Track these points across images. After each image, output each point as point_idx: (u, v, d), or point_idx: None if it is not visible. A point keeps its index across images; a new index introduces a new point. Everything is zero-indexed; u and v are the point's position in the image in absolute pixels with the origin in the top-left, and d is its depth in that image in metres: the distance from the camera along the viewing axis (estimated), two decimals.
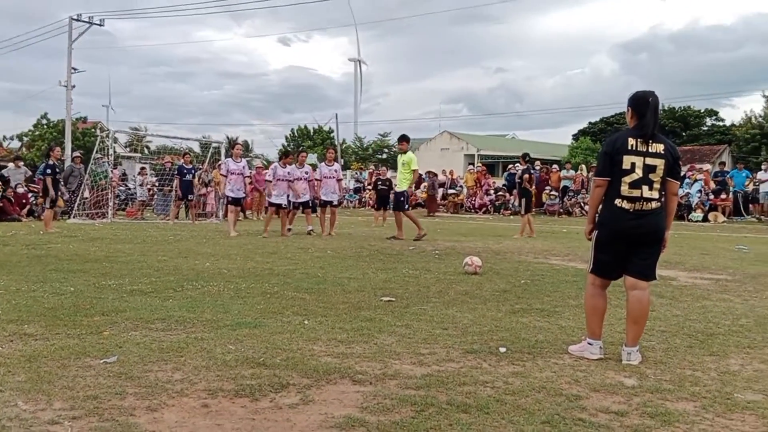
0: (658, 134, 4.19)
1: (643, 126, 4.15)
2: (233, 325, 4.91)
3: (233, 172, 13.98)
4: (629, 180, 4.12)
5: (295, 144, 58.07)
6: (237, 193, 14.08)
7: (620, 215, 4.16)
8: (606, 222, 4.27)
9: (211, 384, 3.54)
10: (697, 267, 9.03)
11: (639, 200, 4.13)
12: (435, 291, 6.69)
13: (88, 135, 49.05)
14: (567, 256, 10.34)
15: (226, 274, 7.60)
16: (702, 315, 5.69)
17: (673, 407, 3.31)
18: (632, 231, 4.16)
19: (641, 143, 4.13)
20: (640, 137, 4.14)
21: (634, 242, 4.19)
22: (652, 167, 4.12)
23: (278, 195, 13.75)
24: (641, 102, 4.21)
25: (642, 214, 4.14)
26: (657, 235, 4.21)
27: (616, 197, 4.17)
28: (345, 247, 11.15)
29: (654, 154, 4.13)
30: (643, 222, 4.14)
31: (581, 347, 4.35)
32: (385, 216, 18.60)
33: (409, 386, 3.57)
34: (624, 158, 4.13)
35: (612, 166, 4.17)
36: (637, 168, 4.11)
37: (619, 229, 4.20)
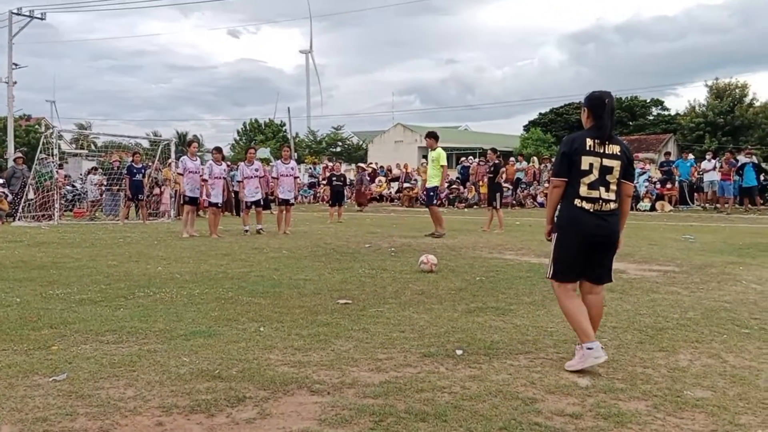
0: (615, 135, 4.20)
1: (600, 127, 4.13)
2: (187, 334, 4.83)
3: (190, 171, 13.62)
4: (588, 181, 4.09)
5: (247, 138, 57.43)
6: (195, 193, 13.65)
7: (580, 216, 4.12)
8: (566, 223, 4.20)
9: (166, 400, 3.47)
10: (645, 258, 9.26)
11: (598, 201, 4.09)
12: (391, 291, 6.70)
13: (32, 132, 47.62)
14: (521, 250, 10.49)
15: (178, 278, 7.47)
16: (651, 309, 5.84)
17: (626, 407, 3.39)
18: (594, 231, 4.11)
19: (598, 144, 4.12)
20: (597, 138, 4.12)
21: (595, 244, 4.15)
22: (609, 168, 4.10)
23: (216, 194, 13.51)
24: (598, 103, 4.19)
25: (602, 215, 4.11)
26: (615, 237, 4.18)
27: (576, 198, 4.12)
28: (300, 246, 11.08)
29: (611, 156, 4.12)
30: (604, 224, 4.11)
31: (580, 358, 4.02)
32: (340, 212, 18.59)
33: (367, 395, 3.56)
34: (582, 159, 4.09)
35: (570, 166, 4.13)
36: (594, 169, 4.09)
37: (580, 230, 4.14)
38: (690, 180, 23.36)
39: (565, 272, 4.23)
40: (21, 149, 30.40)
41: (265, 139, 53.86)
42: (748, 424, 3.19)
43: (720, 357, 4.34)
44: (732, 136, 39.85)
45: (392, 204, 28.48)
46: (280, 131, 57.29)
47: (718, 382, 3.81)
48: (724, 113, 40.69)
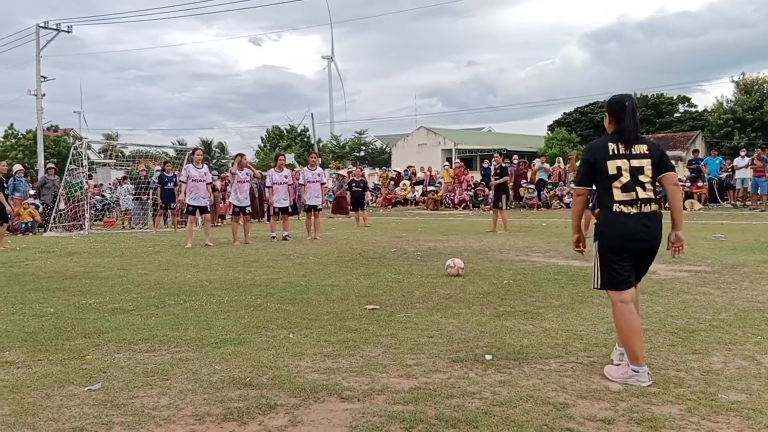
0: (640, 136, 4.08)
1: (623, 131, 4.02)
2: (218, 342, 4.88)
3: (194, 179, 13.38)
4: (619, 184, 3.95)
5: (271, 145, 57.81)
6: (199, 201, 13.47)
7: (623, 220, 3.93)
8: (609, 231, 3.99)
9: (198, 408, 3.51)
10: (676, 259, 9.11)
11: (637, 202, 3.93)
12: (419, 296, 6.70)
13: (61, 144, 48.49)
14: (548, 252, 10.41)
15: (207, 286, 7.55)
16: (683, 310, 5.76)
17: (659, 412, 3.35)
18: (637, 237, 3.93)
19: (624, 147, 3.99)
20: (620, 141, 4.01)
21: (639, 251, 3.99)
22: (639, 168, 3.96)
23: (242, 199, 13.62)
24: (618, 107, 4.09)
25: (643, 219, 3.93)
26: (656, 244, 3.99)
27: (613, 204, 3.96)
28: (327, 252, 11.13)
29: (638, 156, 3.98)
30: (646, 229, 3.93)
31: (623, 374, 3.87)
32: (365, 217, 18.67)
33: (397, 401, 3.57)
34: (608, 164, 3.97)
35: (594, 173, 4.04)
36: (624, 171, 3.96)
37: (624, 235, 3.94)
38: (719, 177, 22.99)
39: (618, 280, 4.00)
40: (51, 160, 30.97)
41: (288, 145, 54.17)
42: None
43: (754, 359, 4.27)
44: (762, 131, 39.13)
45: (417, 207, 28.47)
46: (303, 137, 57.60)
47: (753, 385, 3.75)
48: (752, 109, 39.99)
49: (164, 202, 18.24)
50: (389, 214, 25.22)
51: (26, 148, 47.40)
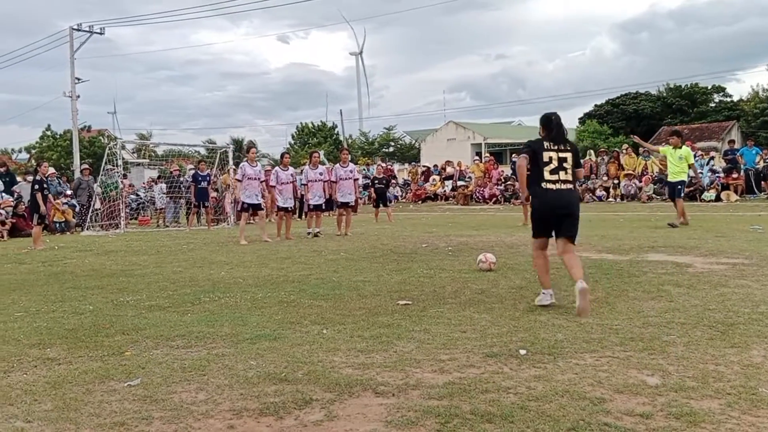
0: (565, 139, 5.89)
1: (552, 136, 5.83)
2: (253, 338, 4.94)
3: (249, 177, 13.54)
4: (549, 169, 5.70)
5: (301, 142, 58.14)
6: (252, 199, 13.66)
7: (549, 194, 5.72)
8: (538, 201, 5.81)
9: (236, 403, 3.56)
10: (712, 251, 8.98)
11: (558, 182, 5.70)
12: (451, 291, 6.69)
13: (95, 144, 49.37)
14: (581, 246, 10.26)
15: (242, 283, 7.63)
16: (721, 304, 5.66)
17: (698, 406, 3.30)
18: (559, 204, 5.73)
19: (554, 144, 5.78)
20: (551, 141, 5.80)
21: (559, 215, 5.75)
22: (564, 159, 5.75)
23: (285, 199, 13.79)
24: (548, 121, 5.93)
25: (565, 191, 5.73)
26: (574, 208, 5.80)
27: (542, 182, 5.71)
28: (358, 248, 11.17)
29: (564, 150, 5.79)
30: (567, 198, 5.74)
31: (540, 297, 5.84)
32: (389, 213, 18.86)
33: (431, 396, 3.57)
34: (543, 154, 5.73)
35: (534, 154, 5.74)
36: (554, 161, 5.71)
37: (548, 203, 5.76)
38: (756, 168, 22.51)
39: (539, 233, 5.96)
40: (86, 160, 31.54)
41: (318, 143, 54.41)
42: None
43: None
44: None
45: (447, 202, 28.39)
46: (332, 134, 57.82)
47: None
48: None
49: (198, 201, 18.49)
50: (419, 210, 25.22)
51: (63, 149, 48.34)
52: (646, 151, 26.35)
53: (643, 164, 25.18)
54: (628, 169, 24.95)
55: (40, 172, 14.10)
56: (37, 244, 13.40)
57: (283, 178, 13.80)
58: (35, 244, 13.38)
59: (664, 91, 48.59)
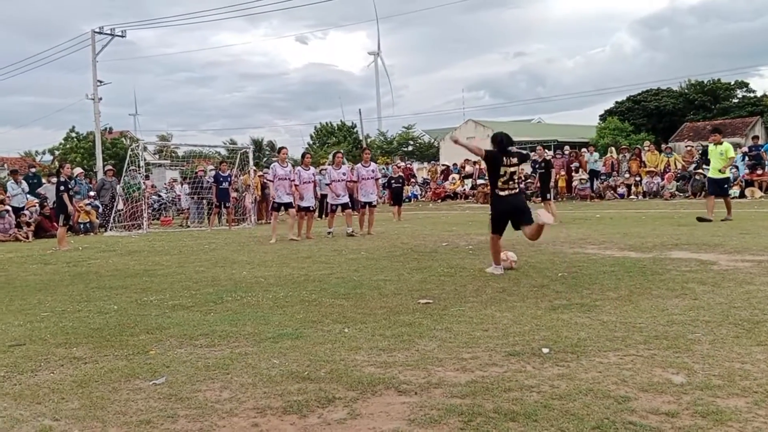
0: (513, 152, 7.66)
1: (504, 151, 7.59)
2: (275, 337, 4.96)
3: (280, 177, 13.68)
4: (502, 180, 7.57)
5: (320, 141, 58.27)
6: (283, 198, 13.74)
7: (501, 201, 7.65)
8: (495, 205, 7.76)
9: (259, 402, 3.59)
10: (737, 249, 8.87)
11: (507, 190, 7.59)
12: (472, 290, 6.68)
13: (117, 145, 49.90)
14: (603, 244, 10.23)
15: (263, 282, 7.68)
16: (746, 301, 5.58)
17: (725, 405, 3.26)
18: (507, 208, 7.66)
19: (506, 158, 7.56)
20: (504, 155, 7.56)
21: (513, 213, 7.65)
22: (513, 172, 7.61)
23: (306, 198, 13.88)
24: (498, 140, 7.69)
25: (513, 195, 7.63)
26: (522, 205, 7.71)
27: (497, 190, 7.66)
28: (378, 247, 11.18)
29: (512, 165, 7.60)
30: (516, 200, 7.66)
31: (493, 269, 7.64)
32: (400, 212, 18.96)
33: (454, 395, 3.57)
34: (501, 168, 7.55)
35: (495, 162, 7.58)
36: (507, 174, 7.57)
37: (503, 206, 7.67)
38: None
39: (497, 231, 7.74)
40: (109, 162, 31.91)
41: (337, 142, 54.53)
42: None
43: None
44: None
45: (466, 201, 28.32)
46: (351, 133, 57.90)
47: None
48: None
49: (219, 201, 18.65)
50: (438, 209, 25.17)
51: (85, 150, 48.93)
52: (668, 148, 26.11)
53: (666, 161, 24.91)
54: (650, 166, 24.69)
55: (63, 173, 14.24)
56: (62, 244, 13.57)
57: (305, 177, 13.86)
58: (60, 245, 13.54)
59: (686, 88, 48.04)
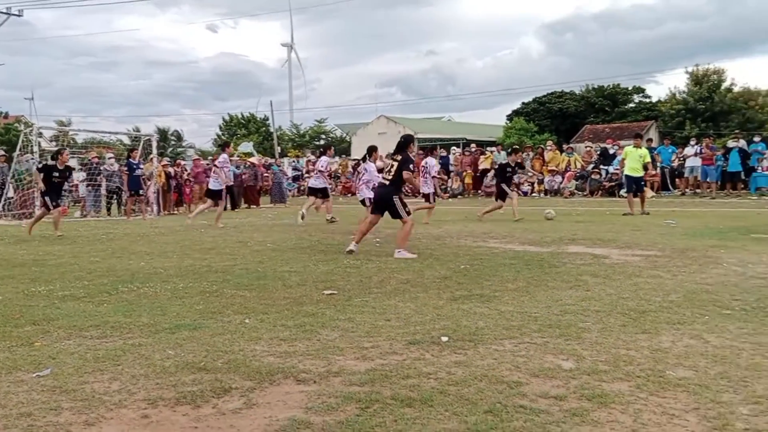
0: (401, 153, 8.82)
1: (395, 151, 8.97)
2: (172, 328, 4.81)
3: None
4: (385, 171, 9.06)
5: (229, 133, 57.04)
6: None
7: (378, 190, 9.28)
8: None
9: (151, 393, 3.46)
10: (629, 244, 9.35)
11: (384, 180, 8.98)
12: (377, 281, 6.71)
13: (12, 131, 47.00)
14: (505, 238, 10.53)
15: (162, 273, 7.43)
16: (634, 293, 5.89)
17: (609, 388, 3.42)
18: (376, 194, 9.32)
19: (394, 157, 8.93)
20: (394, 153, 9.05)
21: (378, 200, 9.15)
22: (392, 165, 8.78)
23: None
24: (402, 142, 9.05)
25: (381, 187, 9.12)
26: (383, 197, 8.86)
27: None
28: (285, 239, 11.06)
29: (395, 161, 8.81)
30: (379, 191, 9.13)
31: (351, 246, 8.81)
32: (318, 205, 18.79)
33: (353, 383, 3.57)
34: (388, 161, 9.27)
35: None
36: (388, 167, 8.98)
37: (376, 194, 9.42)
38: (671, 166, 23.56)
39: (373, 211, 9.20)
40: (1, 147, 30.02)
41: (248, 134, 53.59)
42: (730, 401, 3.23)
43: (702, 338, 4.39)
44: (712, 121, 40.12)
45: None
46: (263, 126, 56.99)
47: (700, 362, 3.86)
48: (703, 99, 40.96)
49: (132, 189, 18.07)
50: (348, 203, 25.16)
51: None
52: (569, 148, 27.22)
53: (567, 161, 25.94)
54: (551, 165, 25.64)
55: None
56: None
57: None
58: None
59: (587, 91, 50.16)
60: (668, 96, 45.26)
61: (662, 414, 3.08)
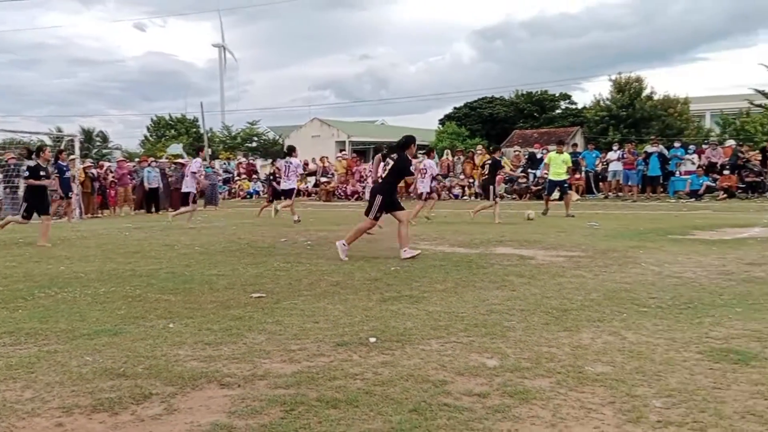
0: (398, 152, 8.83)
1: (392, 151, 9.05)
2: (91, 334, 4.65)
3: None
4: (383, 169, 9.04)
5: (157, 134, 55.61)
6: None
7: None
8: None
9: (66, 401, 3.33)
10: (553, 245, 9.60)
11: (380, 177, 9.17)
12: (306, 283, 6.67)
13: None
14: (435, 240, 10.64)
15: (83, 278, 7.17)
16: (557, 292, 6.05)
17: (531, 385, 3.50)
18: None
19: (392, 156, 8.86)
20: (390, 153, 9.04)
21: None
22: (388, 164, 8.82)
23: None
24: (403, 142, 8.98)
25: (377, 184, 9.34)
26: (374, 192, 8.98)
27: None
28: (213, 242, 10.85)
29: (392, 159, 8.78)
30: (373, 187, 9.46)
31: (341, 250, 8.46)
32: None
33: (278, 386, 3.53)
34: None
35: None
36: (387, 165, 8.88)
37: None
38: (595, 170, 24.35)
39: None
40: None
41: (177, 135, 52.38)
42: (644, 395, 3.36)
43: (620, 334, 4.55)
44: (634, 128, 41.65)
45: (309, 198, 28.32)
46: (192, 127, 55.77)
47: (617, 358, 4.00)
48: (625, 106, 42.49)
49: (64, 192, 17.50)
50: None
51: None
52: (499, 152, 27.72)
53: None
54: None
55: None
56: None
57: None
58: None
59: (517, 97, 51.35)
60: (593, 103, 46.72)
61: (580, 408, 3.17)
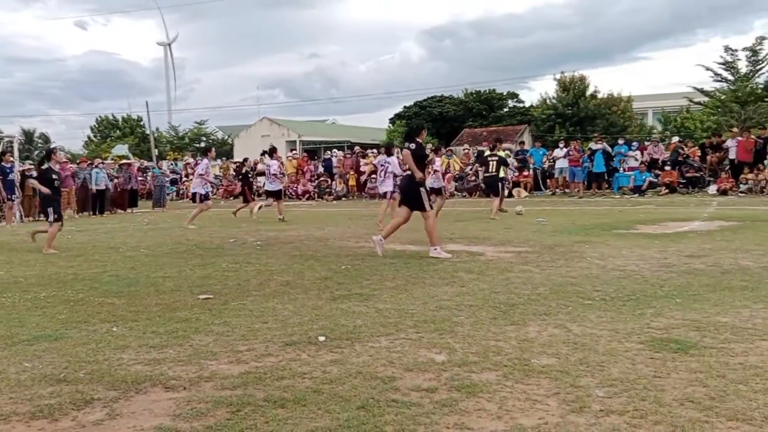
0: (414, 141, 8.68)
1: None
2: (30, 339, 4.50)
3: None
4: None
5: (102, 135, 54.27)
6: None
7: None
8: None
9: (4, 408, 3.22)
10: (502, 241, 9.73)
11: None
12: (255, 284, 6.60)
13: None
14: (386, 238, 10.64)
15: (22, 282, 6.94)
16: (505, 287, 6.13)
17: (478, 378, 3.54)
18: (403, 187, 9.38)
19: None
20: None
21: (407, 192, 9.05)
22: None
23: None
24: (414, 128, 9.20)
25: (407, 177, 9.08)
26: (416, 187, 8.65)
27: None
28: (160, 243, 10.65)
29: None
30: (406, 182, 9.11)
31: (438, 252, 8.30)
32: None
33: (225, 387, 3.49)
34: None
35: None
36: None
37: None
38: (542, 167, 24.79)
39: None
40: None
41: (123, 136, 51.21)
42: (587, 385, 3.43)
43: (565, 327, 4.64)
44: (579, 126, 42.58)
45: (259, 198, 28.03)
46: (137, 126, 54.59)
47: (562, 350, 4.07)
48: (570, 105, 43.39)
49: (8, 194, 16.91)
50: (231, 206, 24.61)
51: None
52: (449, 150, 28.02)
53: (447, 163, 26.66)
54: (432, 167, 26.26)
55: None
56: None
57: None
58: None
59: (466, 96, 51.90)
60: (539, 101, 47.55)
61: (526, 400, 3.22)
